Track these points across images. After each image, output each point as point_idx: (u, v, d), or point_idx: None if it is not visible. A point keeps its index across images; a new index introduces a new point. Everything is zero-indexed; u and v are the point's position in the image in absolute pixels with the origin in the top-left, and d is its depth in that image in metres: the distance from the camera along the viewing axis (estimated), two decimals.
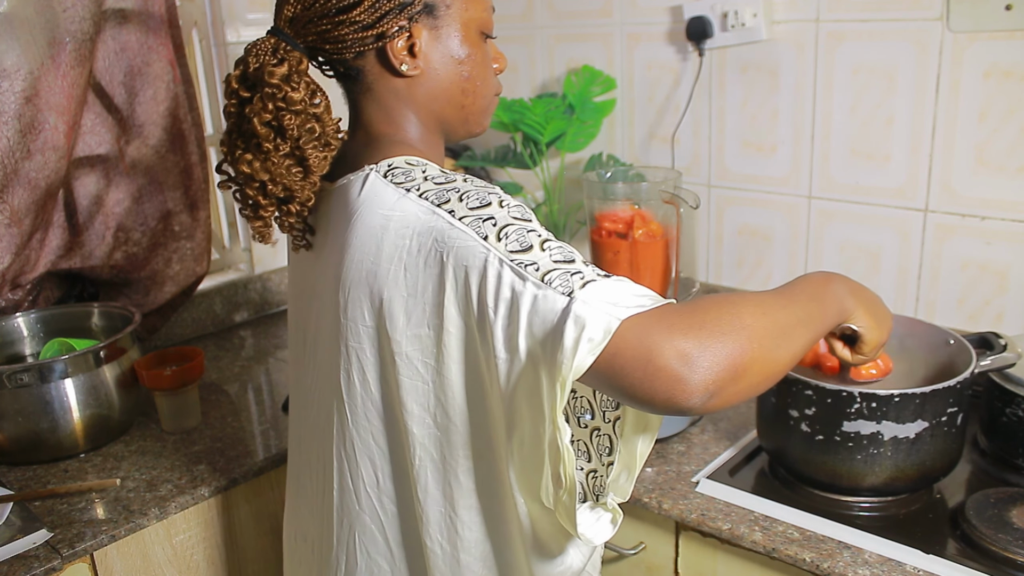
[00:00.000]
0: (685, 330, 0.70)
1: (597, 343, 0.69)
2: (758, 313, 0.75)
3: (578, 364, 0.69)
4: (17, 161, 1.40)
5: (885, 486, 1.12)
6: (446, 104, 0.91)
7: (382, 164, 0.85)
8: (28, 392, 1.31)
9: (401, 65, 0.87)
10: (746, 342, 0.72)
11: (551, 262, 0.73)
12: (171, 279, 1.69)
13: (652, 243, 1.26)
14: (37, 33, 1.38)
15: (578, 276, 0.72)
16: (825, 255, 1.60)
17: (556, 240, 0.77)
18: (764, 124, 1.62)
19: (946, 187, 1.44)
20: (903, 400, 1.07)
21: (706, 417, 1.41)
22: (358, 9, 0.84)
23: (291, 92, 0.83)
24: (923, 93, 1.42)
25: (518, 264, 0.73)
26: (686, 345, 0.69)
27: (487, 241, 0.75)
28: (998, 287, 1.43)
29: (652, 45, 1.73)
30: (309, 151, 0.84)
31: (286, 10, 0.86)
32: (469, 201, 0.78)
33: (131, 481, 1.31)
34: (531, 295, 0.72)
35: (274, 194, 0.86)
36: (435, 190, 0.80)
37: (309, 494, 0.99)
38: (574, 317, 0.69)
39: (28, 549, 1.14)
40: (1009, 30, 1.31)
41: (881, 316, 0.95)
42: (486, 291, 0.74)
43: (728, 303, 0.74)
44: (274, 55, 0.84)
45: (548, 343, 0.71)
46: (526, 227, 0.76)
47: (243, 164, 0.85)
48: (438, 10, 0.87)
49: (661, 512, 1.19)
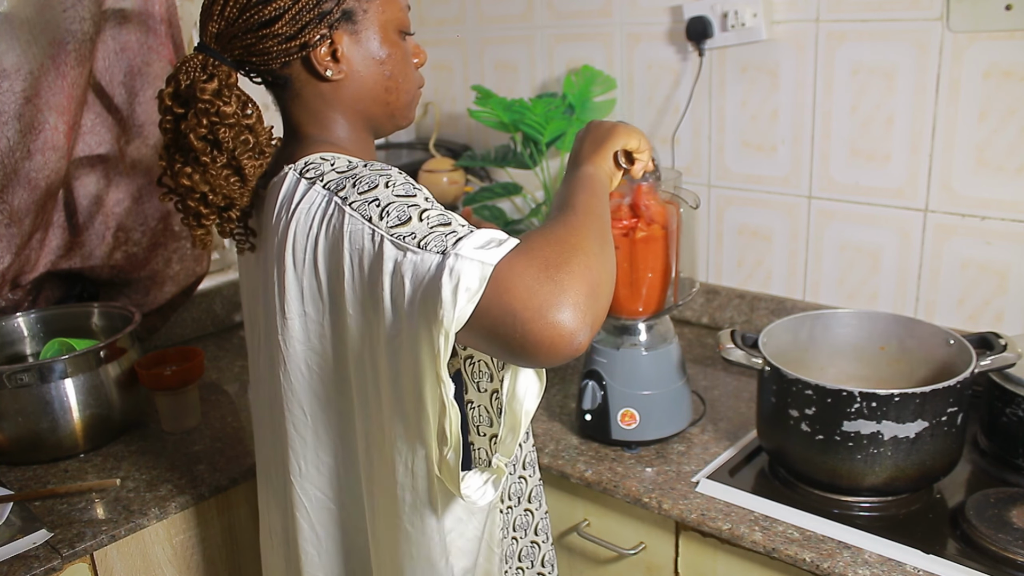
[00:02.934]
0: (547, 273, 0.74)
1: (474, 291, 0.73)
2: (586, 237, 0.81)
3: (459, 314, 0.73)
4: (17, 161, 1.40)
5: (885, 486, 1.12)
6: (371, 103, 0.96)
7: (300, 162, 0.90)
8: (28, 392, 1.31)
9: (326, 71, 0.92)
10: (591, 267, 0.77)
11: (427, 228, 0.78)
12: (171, 279, 1.68)
13: (652, 242, 1.26)
14: (37, 33, 1.38)
15: (452, 236, 0.76)
16: (825, 255, 1.60)
17: (438, 209, 0.81)
18: (764, 124, 1.62)
19: (946, 187, 1.44)
20: (903, 400, 1.07)
21: (706, 417, 1.41)
22: (279, 23, 0.88)
23: (223, 106, 0.87)
24: (923, 93, 1.42)
25: (397, 237, 0.78)
26: (553, 288, 0.74)
27: (371, 222, 0.80)
28: (998, 287, 1.43)
29: (652, 45, 1.73)
30: (245, 161, 0.89)
31: (211, 26, 0.90)
32: (359, 186, 0.83)
33: (131, 481, 1.31)
34: (410, 262, 0.77)
35: (215, 203, 0.91)
36: (336, 179, 0.85)
37: (273, 489, 1.04)
38: (448, 270, 0.74)
39: (28, 549, 1.14)
40: (1009, 30, 1.31)
41: (606, 134, 1.03)
42: (376, 270, 0.79)
43: (563, 238, 0.79)
44: (204, 71, 0.89)
45: (429, 301, 0.75)
46: (407, 202, 0.81)
47: (183, 177, 0.89)
48: (356, 15, 0.92)
49: (661, 512, 1.19)
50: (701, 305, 1.78)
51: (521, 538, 1.07)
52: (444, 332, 0.74)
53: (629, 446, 1.32)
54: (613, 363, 1.30)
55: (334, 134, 0.96)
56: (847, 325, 1.32)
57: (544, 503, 1.12)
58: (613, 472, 1.27)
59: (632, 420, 1.29)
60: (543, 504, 1.11)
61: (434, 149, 1.95)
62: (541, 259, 0.75)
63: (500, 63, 2.00)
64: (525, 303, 0.73)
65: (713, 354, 1.64)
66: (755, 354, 1.22)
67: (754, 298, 1.70)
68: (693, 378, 1.52)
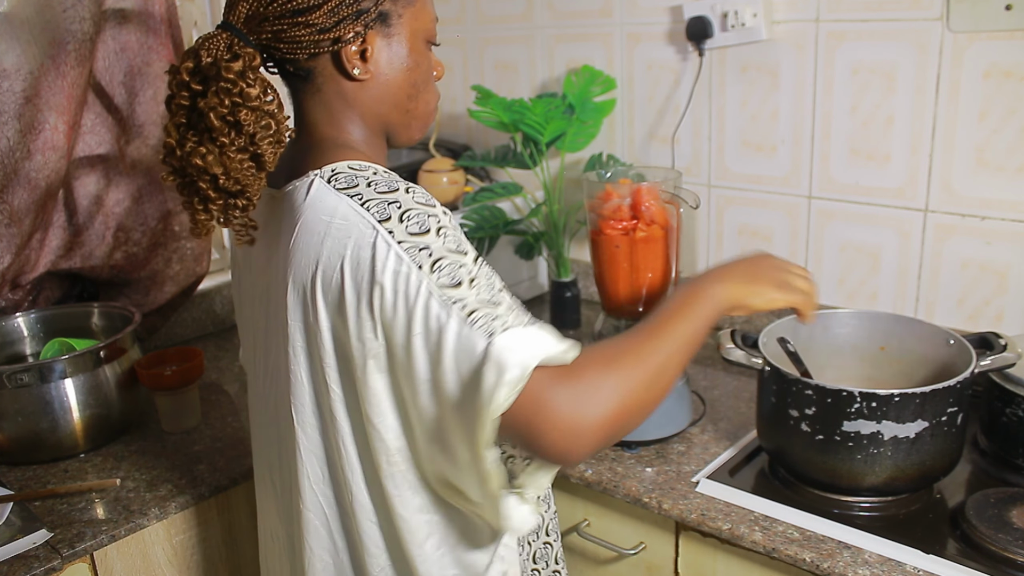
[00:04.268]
0: (578, 394, 0.77)
1: (513, 387, 0.74)
2: (636, 366, 0.82)
3: (495, 406, 0.74)
4: (17, 161, 1.40)
5: (885, 486, 1.12)
6: (392, 108, 0.94)
7: (326, 169, 0.87)
8: (28, 392, 1.31)
9: (353, 69, 0.90)
10: (625, 401, 0.79)
11: (477, 301, 0.78)
12: (171, 279, 1.68)
13: (652, 243, 1.26)
14: (37, 33, 1.37)
15: (499, 321, 0.77)
16: (825, 255, 1.60)
17: (486, 275, 0.81)
18: (764, 124, 1.62)
19: (946, 187, 1.44)
20: (903, 400, 1.07)
21: (706, 417, 1.41)
22: (317, 13, 0.86)
23: (247, 88, 0.84)
24: (923, 93, 1.42)
25: (446, 299, 0.77)
26: (576, 410, 0.76)
27: (421, 271, 0.78)
28: (998, 287, 1.42)
29: (652, 45, 1.73)
30: (264, 147, 0.85)
31: (240, 6, 0.86)
32: (409, 224, 0.81)
33: (131, 481, 1.31)
34: (454, 332, 0.76)
35: (225, 188, 0.86)
36: (377, 201, 0.82)
37: (275, 494, 1.02)
38: (494, 361, 0.74)
39: (28, 549, 1.14)
40: (1009, 30, 1.31)
41: (757, 275, 0.98)
42: (414, 318, 0.78)
43: (612, 361, 0.81)
44: (228, 50, 0.85)
45: (468, 382, 0.76)
46: (459, 261, 0.80)
47: (196, 157, 0.84)
48: (391, 19, 0.90)
49: (661, 512, 1.19)
50: None
51: (533, 541, 1.06)
52: (482, 420, 0.75)
53: (629, 446, 1.32)
54: None
55: (351, 136, 0.93)
56: (847, 325, 1.32)
57: (552, 503, 1.11)
58: (613, 472, 1.27)
59: None
60: (551, 505, 1.11)
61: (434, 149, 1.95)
62: (582, 379, 0.77)
63: (500, 63, 2.00)
64: (545, 418, 0.75)
65: (713, 354, 1.63)
66: (755, 354, 1.22)
67: None
68: (693, 378, 1.52)
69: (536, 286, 2.00)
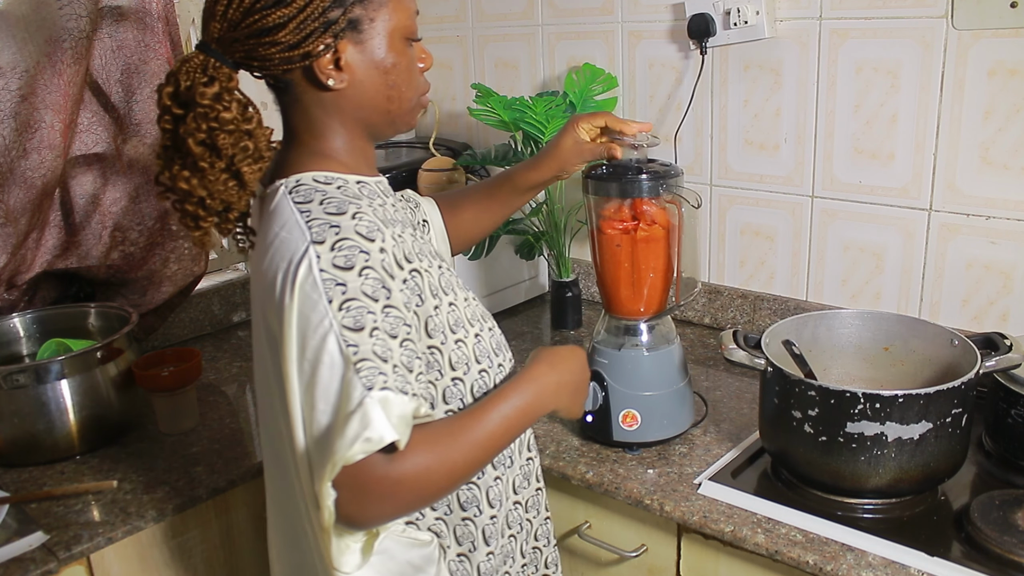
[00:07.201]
0: (389, 493, 0.83)
1: (368, 447, 0.79)
2: (455, 472, 0.88)
3: (349, 455, 0.79)
4: (13, 160, 1.39)
5: (889, 488, 1.11)
6: (372, 111, 0.95)
7: (291, 180, 0.92)
8: (24, 393, 1.31)
9: (328, 80, 0.91)
10: (432, 495, 0.90)
11: (369, 350, 0.82)
12: (168, 279, 1.68)
13: (653, 242, 1.25)
14: (33, 31, 1.37)
15: (381, 378, 0.81)
16: (828, 255, 1.59)
17: (389, 327, 0.84)
18: (767, 123, 1.61)
19: (950, 186, 1.43)
20: (907, 401, 1.06)
21: (708, 419, 1.40)
22: (283, 31, 0.87)
23: (223, 112, 0.86)
24: (927, 91, 1.41)
25: (345, 341, 0.82)
26: (381, 505, 0.84)
27: (331, 305, 0.82)
28: (1003, 287, 1.42)
29: (654, 43, 1.72)
30: (244, 168, 0.88)
31: (212, 27, 0.88)
32: (337, 256, 0.84)
33: (128, 483, 1.30)
34: (340, 373, 0.81)
35: (213, 208, 0.89)
36: (321, 221, 0.86)
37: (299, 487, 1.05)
38: (363, 415, 0.79)
39: (24, 552, 1.13)
40: (1014, 28, 1.30)
41: (579, 389, 1.05)
42: (308, 344, 0.83)
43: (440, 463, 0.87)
44: (204, 73, 0.87)
45: (335, 422, 0.81)
46: (368, 307, 0.83)
47: (182, 182, 0.88)
48: (362, 24, 0.90)
49: (663, 514, 1.18)
50: (703, 305, 1.77)
51: (518, 534, 1.07)
52: (332, 464, 0.80)
53: (631, 447, 1.31)
54: (614, 364, 1.29)
55: (331, 144, 0.95)
56: (850, 325, 1.31)
57: (544, 509, 1.12)
58: (614, 474, 1.26)
59: (634, 421, 1.28)
60: (542, 511, 1.11)
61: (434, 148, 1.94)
62: (403, 482, 0.84)
63: (500, 61, 1.99)
64: (355, 496, 0.82)
65: (715, 355, 1.63)
66: (758, 355, 1.21)
67: (757, 298, 1.69)
68: (695, 379, 1.51)
69: (537, 286, 1.99)
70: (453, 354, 0.96)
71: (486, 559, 1.02)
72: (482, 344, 1.00)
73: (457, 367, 0.96)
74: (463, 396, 0.97)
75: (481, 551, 1.01)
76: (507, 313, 1.90)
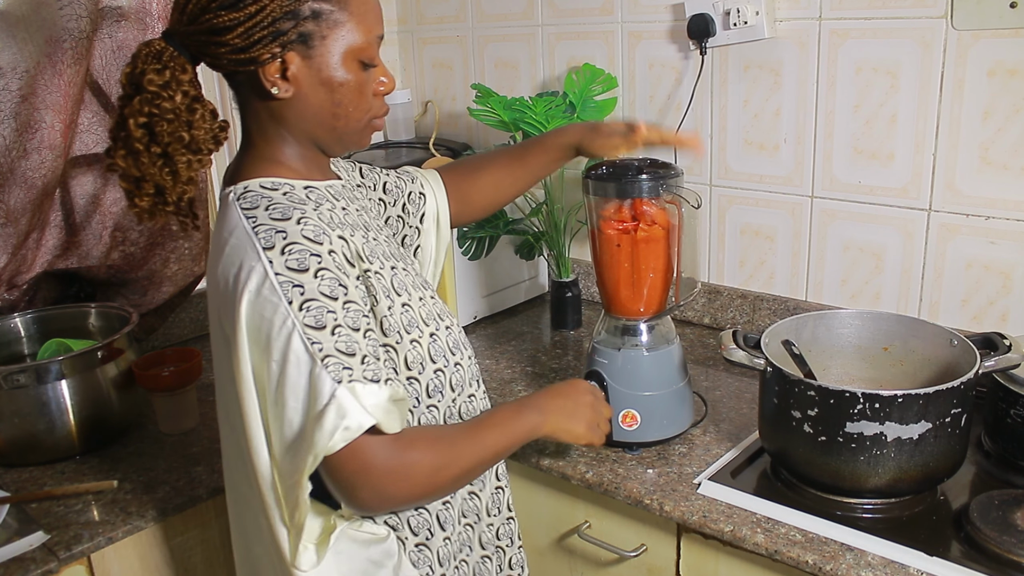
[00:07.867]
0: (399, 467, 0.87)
1: (349, 435, 0.83)
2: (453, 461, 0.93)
3: (330, 446, 0.82)
4: (13, 160, 1.39)
5: (888, 488, 1.11)
6: (316, 126, 0.96)
7: (240, 186, 0.94)
8: (25, 393, 1.31)
9: (272, 88, 0.92)
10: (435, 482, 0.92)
11: (333, 347, 0.85)
12: (169, 279, 1.68)
13: (653, 243, 1.25)
14: (34, 31, 1.37)
15: (347, 372, 0.84)
16: (828, 255, 1.59)
17: (350, 323, 0.87)
18: (767, 123, 1.61)
19: (950, 186, 1.43)
20: (906, 401, 1.06)
21: (708, 419, 1.40)
22: (231, 34, 0.88)
23: (164, 101, 0.88)
24: (927, 92, 1.41)
25: (308, 339, 0.84)
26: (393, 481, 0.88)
27: (291, 306, 0.85)
28: (1002, 287, 1.42)
29: (654, 43, 1.72)
30: (177, 157, 0.90)
31: (175, 18, 0.90)
32: (289, 259, 0.86)
33: (128, 483, 1.30)
34: (307, 370, 0.84)
35: (146, 190, 0.91)
36: (267, 228, 0.88)
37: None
38: (337, 406, 0.82)
39: (24, 552, 1.13)
40: (1014, 28, 1.30)
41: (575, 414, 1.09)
42: (273, 346, 0.85)
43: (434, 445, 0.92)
44: (158, 60, 0.89)
45: (309, 419, 0.84)
46: (328, 306, 0.86)
47: (118, 158, 0.91)
48: (313, 40, 0.91)
49: (662, 514, 1.18)
50: (703, 305, 1.77)
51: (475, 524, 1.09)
52: (315, 455, 0.83)
53: (630, 447, 1.31)
54: (614, 364, 1.29)
55: (280, 150, 0.97)
56: (850, 325, 1.31)
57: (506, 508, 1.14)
58: (614, 474, 1.26)
59: (633, 421, 1.29)
60: (503, 510, 1.13)
61: (433, 148, 1.94)
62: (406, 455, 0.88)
63: (500, 61, 1.99)
64: (366, 478, 0.86)
65: (715, 355, 1.63)
66: (757, 355, 1.21)
67: (756, 298, 1.69)
68: (695, 379, 1.51)
69: (537, 286, 1.99)
70: (408, 354, 0.97)
71: (443, 544, 1.03)
72: (438, 343, 1.01)
73: (412, 367, 0.98)
74: (418, 395, 0.99)
75: (438, 536, 1.02)
76: (507, 313, 1.90)
